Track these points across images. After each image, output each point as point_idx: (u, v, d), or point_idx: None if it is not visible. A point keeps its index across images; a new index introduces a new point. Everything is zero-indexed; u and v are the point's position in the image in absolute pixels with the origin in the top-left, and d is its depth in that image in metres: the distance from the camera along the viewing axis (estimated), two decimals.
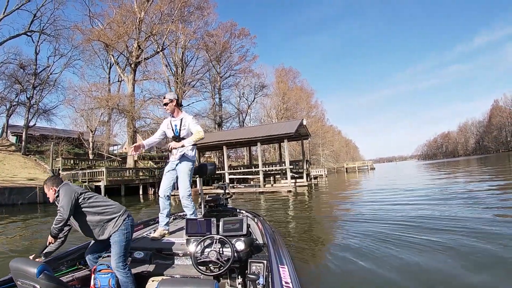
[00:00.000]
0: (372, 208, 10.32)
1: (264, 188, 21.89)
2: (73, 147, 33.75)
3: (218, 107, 44.82)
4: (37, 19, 30.05)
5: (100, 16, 31.09)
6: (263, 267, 2.69)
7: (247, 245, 2.86)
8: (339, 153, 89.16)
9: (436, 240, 5.54)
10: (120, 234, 2.83)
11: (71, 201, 2.70)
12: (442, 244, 5.23)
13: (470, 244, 5.13)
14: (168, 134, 4.27)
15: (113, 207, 2.95)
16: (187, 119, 4.19)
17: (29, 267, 1.91)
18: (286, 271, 2.43)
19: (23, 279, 1.92)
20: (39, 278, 1.88)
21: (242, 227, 2.99)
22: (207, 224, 3.09)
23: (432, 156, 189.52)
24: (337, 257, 5.04)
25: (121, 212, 2.95)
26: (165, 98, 4.19)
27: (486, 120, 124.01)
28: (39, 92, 32.43)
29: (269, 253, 2.81)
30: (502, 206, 8.62)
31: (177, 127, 4.15)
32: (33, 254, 2.86)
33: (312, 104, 65.67)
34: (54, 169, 25.93)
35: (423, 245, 5.30)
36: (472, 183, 15.77)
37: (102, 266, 2.75)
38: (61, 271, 2.94)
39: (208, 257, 2.76)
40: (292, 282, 2.23)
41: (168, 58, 36.55)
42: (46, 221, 11.95)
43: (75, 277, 2.93)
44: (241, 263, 2.80)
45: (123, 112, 29.34)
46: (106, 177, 22.57)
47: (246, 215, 4.13)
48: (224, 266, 2.67)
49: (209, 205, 4.36)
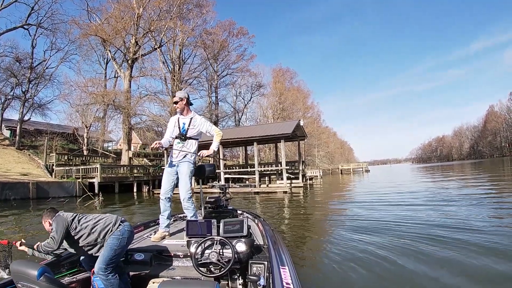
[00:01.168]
0: (369, 209, 10.41)
1: (260, 188, 21.85)
2: (68, 143, 33.44)
3: (214, 105, 44.77)
4: (34, 12, 29.89)
5: (98, 11, 31.07)
6: (264, 268, 2.68)
7: (247, 246, 2.83)
8: (334, 155, 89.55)
9: (434, 240, 5.63)
10: (114, 238, 2.78)
11: (62, 231, 2.70)
12: (440, 245, 5.31)
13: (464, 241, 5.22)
14: (173, 131, 4.21)
15: (105, 218, 2.92)
16: (197, 119, 4.17)
17: (30, 270, 1.89)
18: (287, 272, 2.42)
19: (24, 281, 1.91)
20: (39, 280, 1.86)
21: (243, 228, 2.97)
22: (208, 226, 3.05)
23: (427, 159, 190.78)
24: (337, 257, 5.07)
25: (114, 220, 2.91)
26: (176, 96, 4.16)
27: (481, 125, 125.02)
28: (35, 86, 32.21)
29: (269, 254, 2.81)
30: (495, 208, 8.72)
31: (185, 126, 4.12)
32: (20, 241, 2.91)
33: (309, 105, 65.84)
34: (48, 164, 25.72)
35: (421, 244, 5.39)
36: (467, 188, 15.89)
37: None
38: (61, 273, 2.91)
39: (208, 258, 2.74)
40: (293, 283, 2.22)
41: (165, 55, 36.47)
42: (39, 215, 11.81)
43: (75, 279, 2.90)
44: (242, 264, 2.79)
45: (119, 108, 29.17)
46: (100, 174, 22.44)
47: (246, 216, 4.13)
48: (224, 268, 2.66)
49: (209, 206, 4.32)
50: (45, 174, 24.22)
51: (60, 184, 21.57)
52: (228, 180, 25.21)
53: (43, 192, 19.67)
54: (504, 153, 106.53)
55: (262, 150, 48.10)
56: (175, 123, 4.19)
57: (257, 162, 23.44)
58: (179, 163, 4.14)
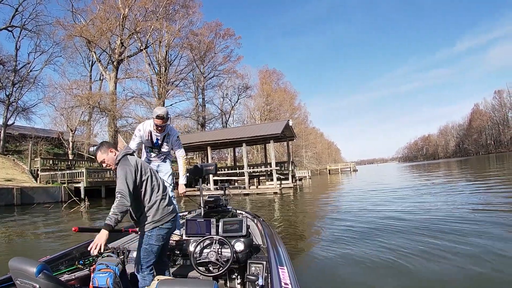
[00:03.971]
0: (365, 208, 10.48)
1: (249, 189, 21.77)
2: (53, 147, 32.72)
3: (201, 107, 44.58)
4: (18, 14, 29.41)
5: (83, 11, 30.65)
6: (263, 268, 2.70)
7: (246, 246, 2.85)
8: (322, 155, 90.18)
9: (434, 236, 5.77)
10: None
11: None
12: (439, 241, 5.38)
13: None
14: (144, 142, 3.99)
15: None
16: (173, 138, 4.02)
17: (28, 267, 1.88)
18: (285, 272, 2.41)
19: (22, 278, 1.90)
20: (38, 277, 1.85)
21: (242, 228, 2.98)
22: (207, 225, 3.06)
23: (413, 158, 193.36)
24: (336, 257, 5.08)
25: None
26: (159, 115, 3.64)
27: (466, 124, 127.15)
28: (19, 89, 31.55)
29: (268, 254, 2.82)
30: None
31: (159, 141, 3.95)
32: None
33: (296, 106, 66.19)
34: (32, 169, 25.11)
35: (420, 241, 5.50)
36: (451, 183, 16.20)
37: (101, 265, 2.67)
38: (60, 270, 2.90)
39: (207, 257, 2.76)
40: (291, 283, 2.21)
41: (151, 56, 36.25)
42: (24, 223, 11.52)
43: (74, 276, 2.88)
44: (241, 264, 2.81)
45: (104, 111, 28.78)
46: (86, 178, 21.96)
47: (245, 216, 4.11)
48: (223, 267, 2.68)
49: (209, 205, 4.28)
50: (29, 179, 23.63)
51: (45, 190, 21.05)
52: (216, 182, 24.96)
53: (27, 198, 19.16)
54: (490, 150, 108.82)
55: (250, 152, 48.03)
56: (147, 136, 3.90)
57: (246, 163, 23.36)
58: (160, 164, 4.13)
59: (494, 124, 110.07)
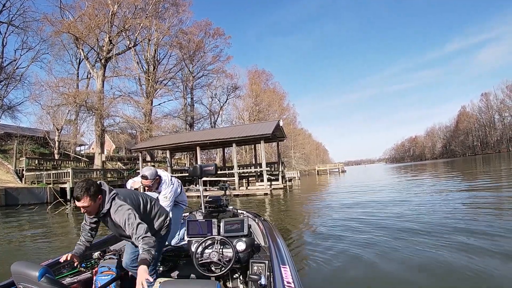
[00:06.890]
0: (360, 207, 10.68)
1: (239, 190, 21.66)
2: (38, 147, 32.05)
3: (190, 107, 44.19)
4: (5, 9, 28.97)
5: (71, 8, 29.87)
6: (265, 268, 2.73)
7: (248, 246, 2.85)
8: (310, 156, 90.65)
9: (433, 234, 5.87)
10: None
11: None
12: (436, 240, 5.44)
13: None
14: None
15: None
16: (167, 193, 3.81)
17: (31, 271, 1.88)
18: (287, 271, 2.42)
19: (25, 282, 1.90)
20: (40, 281, 1.85)
21: (243, 227, 2.97)
22: (208, 225, 3.05)
23: (400, 159, 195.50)
24: (338, 256, 5.11)
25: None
26: (143, 175, 3.53)
27: (453, 125, 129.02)
28: (4, 87, 31.06)
29: (270, 253, 2.84)
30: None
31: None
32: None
33: (284, 106, 66.35)
34: (18, 169, 24.53)
35: (419, 239, 5.60)
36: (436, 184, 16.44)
37: (103, 268, 2.76)
38: (62, 274, 2.88)
39: (209, 258, 2.77)
40: (294, 282, 2.23)
41: (140, 55, 35.82)
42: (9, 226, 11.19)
43: (76, 279, 2.89)
44: (243, 263, 2.83)
45: (91, 109, 28.21)
46: (72, 179, 21.51)
47: (247, 216, 4.10)
48: (225, 267, 2.69)
49: (210, 206, 4.22)
50: (14, 179, 23.10)
51: (30, 190, 20.59)
52: (205, 183, 24.72)
53: (12, 199, 18.71)
54: (476, 152, 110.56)
55: (238, 153, 47.91)
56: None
57: (236, 164, 23.25)
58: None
59: (480, 126, 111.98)
